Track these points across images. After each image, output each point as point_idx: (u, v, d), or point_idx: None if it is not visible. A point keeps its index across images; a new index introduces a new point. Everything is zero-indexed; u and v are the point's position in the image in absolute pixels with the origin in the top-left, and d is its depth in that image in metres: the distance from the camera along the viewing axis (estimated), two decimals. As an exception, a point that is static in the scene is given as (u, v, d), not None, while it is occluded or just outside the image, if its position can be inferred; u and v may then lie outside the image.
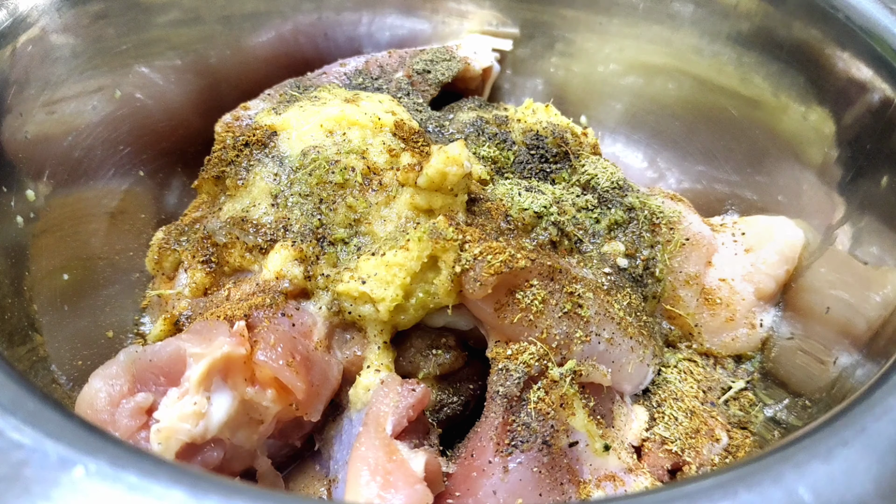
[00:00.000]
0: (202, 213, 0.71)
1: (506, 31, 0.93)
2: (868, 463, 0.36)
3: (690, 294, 0.66)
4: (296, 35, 0.89)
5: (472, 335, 0.63)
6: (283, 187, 0.64)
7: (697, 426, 0.62)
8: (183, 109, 0.83)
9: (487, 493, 0.53)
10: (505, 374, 0.56)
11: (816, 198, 0.69)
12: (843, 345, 0.60)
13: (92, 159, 0.74)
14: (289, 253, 0.60)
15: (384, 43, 0.92)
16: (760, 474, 0.36)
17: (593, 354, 0.59)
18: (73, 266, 0.69)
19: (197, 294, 0.65)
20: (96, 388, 0.53)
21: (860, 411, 0.40)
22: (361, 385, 0.58)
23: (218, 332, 0.54)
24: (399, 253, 0.57)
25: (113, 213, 0.76)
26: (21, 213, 0.64)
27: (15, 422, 0.37)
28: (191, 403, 0.51)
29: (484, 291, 0.55)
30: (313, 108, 0.69)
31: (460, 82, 0.87)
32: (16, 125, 0.65)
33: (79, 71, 0.72)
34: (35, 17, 0.69)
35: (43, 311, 0.63)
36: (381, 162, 0.64)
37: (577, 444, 0.56)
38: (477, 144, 0.72)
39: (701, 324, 0.67)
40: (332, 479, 0.58)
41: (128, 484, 0.34)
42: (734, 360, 0.69)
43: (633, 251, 0.65)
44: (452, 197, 0.60)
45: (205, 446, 0.53)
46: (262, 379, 0.54)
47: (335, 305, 0.59)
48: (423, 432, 0.58)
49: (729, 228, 0.70)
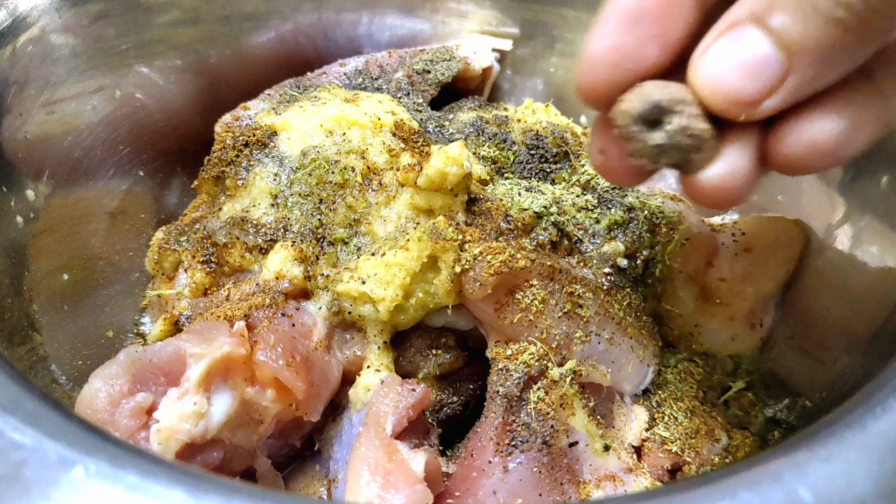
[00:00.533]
0: (202, 213, 0.71)
1: (506, 31, 0.93)
2: (868, 463, 0.36)
3: (690, 294, 0.66)
4: (296, 35, 0.89)
5: (472, 335, 0.63)
6: (283, 187, 0.64)
7: (697, 426, 0.62)
8: (183, 109, 0.83)
9: (487, 493, 0.53)
10: (505, 374, 0.56)
11: (816, 198, 0.69)
12: (843, 345, 0.60)
13: (92, 159, 0.74)
14: (289, 253, 0.60)
15: (384, 43, 0.92)
16: (760, 474, 0.36)
17: (593, 354, 0.59)
18: (73, 266, 0.69)
19: (197, 294, 0.65)
20: (96, 388, 0.53)
21: (860, 411, 0.40)
22: (361, 385, 0.58)
23: (218, 332, 0.54)
24: (399, 253, 0.57)
25: (113, 213, 0.76)
26: (21, 213, 0.64)
27: (15, 422, 0.37)
28: (191, 403, 0.51)
29: (484, 291, 0.55)
30: (313, 108, 0.69)
31: (460, 82, 0.87)
32: (16, 125, 0.65)
33: (79, 71, 0.72)
34: (35, 17, 0.69)
35: (43, 311, 0.63)
36: (380, 162, 0.64)
37: (577, 444, 0.56)
38: (477, 144, 0.72)
39: (701, 324, 0.67)
40: (332, 479, 0.58)
41: (128, 484, 0.34)
42: (734, 360, 0.69)
43: (633, 251, 0.65)
44: (452, 197, 0.60)
45: (205, 446, 0.53)
46: (262, 379, 0.54)
47: (335, 305, 0.59)
48: (423, 432, 0.58)
49: (729, 228, 0.69)
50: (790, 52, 0.37)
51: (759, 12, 0.37)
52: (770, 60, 0.37)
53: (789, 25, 0.36)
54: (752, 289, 0.67)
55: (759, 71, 0.37)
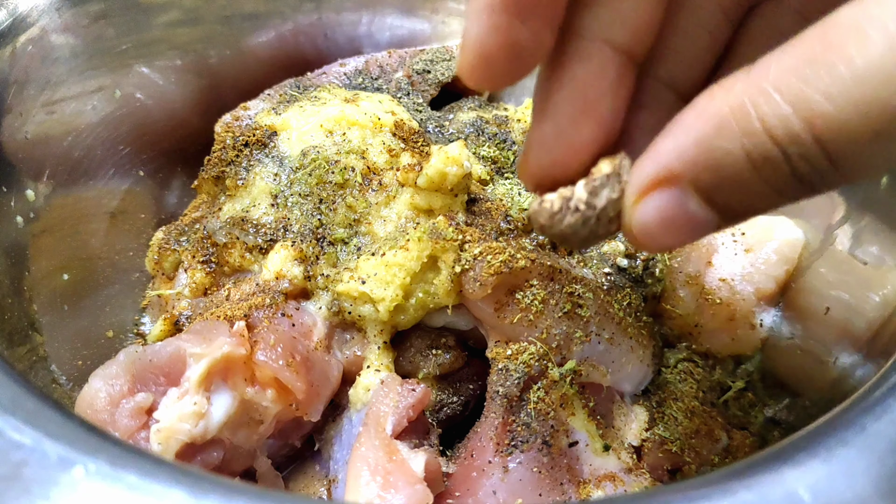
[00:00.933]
0: (202, 213, 0.71)
1: (506, 31, 0.93)
2: (868, 463, 0.36)
3: (690, 294, 0.66)
4: (296, 35, 0.89)
5: (472, 335, 0.63)
6: (283, 187, 0.64)
7: (697, 426, 0.62)
8: (183, 109, 0.83)
9: (487, 492, 0.53)
10: (505, 374, 0.56)
11: (816, 198, 0.69)
12: (843, 345, 0.60)
13: (92, 159, 0.74)
14: (289, 253, 0.60)
15: (384, 43, 0.92)
16: (760, 474, 0.36)
17: (593, 354, 0.59)
18: (73, 266, 0.69)
19: (197, 294, 0.65)
20: (96, 388, 0.53)
21: (860, 411, 0.40)
22: (361, 385, 0.58)
23: (218, 332, 0.54)
24: (399, 253, 0.57)
25: (113, 213, 0.76)
26: (21, 213, 0.64)
27: (15, 422, 0.37)
28: (191, 403, 0.51)
29: (484, 291, 0.55)
30: (313, 108, 0.69)
31: (460, 82, 0.87)
32: (16, 125, 0.65)
33: (79, 71, 0.72)
34: (35, 17, 0.69)
35: (43, 311, 0.63)
36: (380, 162, 0.64)
37: (577, 444, 0.56)
38: (477, 144, 0.72)
39: (701, 324, 0.67)
40: (332, 479, 0.58)
41: (128, 484, 0.34)
42: (734, 360, 0.69)
43: (633, 251, 0.65)
44: (452, 197, 0.60)
45: (205, 446, 0.53)
46: (262, 379, 0.54)
47: (335, 305, 0.59)
48: (423, 432, 0.58)
49: (729, 228, 0.69)
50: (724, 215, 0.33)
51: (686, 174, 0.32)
52: (703, 222, 0.34)
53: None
54: (752, 289, 0.67)
55: (688, 229, 0.34)
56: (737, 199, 0.32)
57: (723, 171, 0.31)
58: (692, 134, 0.32)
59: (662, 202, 0.33)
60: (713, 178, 0.32)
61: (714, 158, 0.31)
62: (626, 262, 0.64)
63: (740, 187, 0.32)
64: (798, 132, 0.29)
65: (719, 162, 0.31)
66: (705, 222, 0.33)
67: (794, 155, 0.30)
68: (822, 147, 0.30)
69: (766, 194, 0.32)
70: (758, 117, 0.30)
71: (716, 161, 0.31)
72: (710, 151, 0.31)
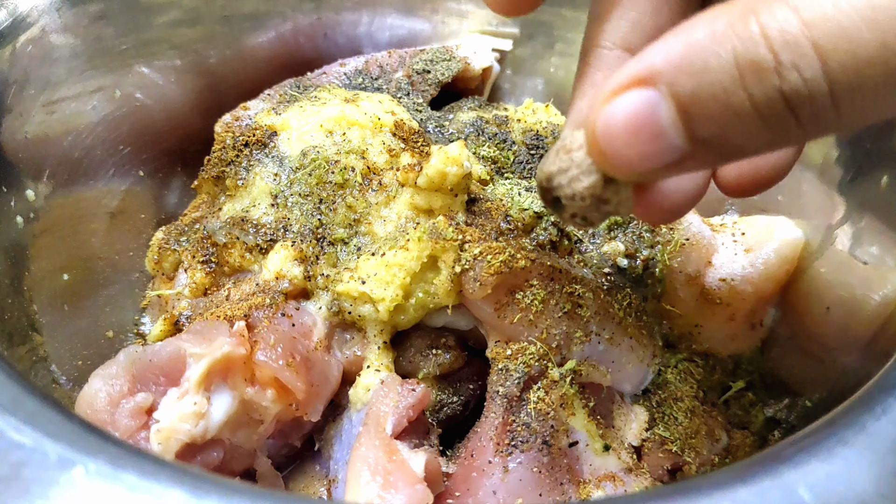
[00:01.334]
0: (202, 213, 0.71)
1: (506, 31, 0.93)
2: (868, 463, 0.36)
3: (690, 294, 0.66)
4: (296, 35, 0.89)
5: (472, 335, 0.63)
6: (283, 187, 0.64)
7: (697, 426, 0.62)
8: (183, 109, 0.83)
9: (487, 492, 0.53)
10: (505, 374, 0.56)
11: (816, 198, 0.69)
12: (843, 345, 0.60)
13: (92, 159, 0.74)
14: (289, 253, 0.60)
15: (384, 43, 0.92)
16: (760, 474, 0.36)
17: (593, 354, 0.59)
18: (73, 266, 0.69)
19: (197, 294, 0.65)
20: (96, 388, 0.53)
21: (860, 411, 0.40)
22: (361, 385, 0.58)
23: (218, 332, 0.54)
24: (399, 253, 0.57)
25: (113, 213, 0.76)
26: (21, 213, 0.64)
27: (15, 422, 0.37)
28: (191, 403, 0.51)
29: (484, 291, 0.55)
30: (313, 108, 0.69)
31: (460, 82, 0.87)
32: (16, 125, 0.65)
33: (79, 71, 0.72)
34: (35, 17, 0.69)
35: (43, 311, 0.63)
36: (380, 162, 0.64)
37: (577, 444, 0.56)
38: (477, 144, 0.72)
39: (701, 324, 0.67)
40: (332, 479, 0.58)
41: (128, 484, 0.34)
42: (734, 360, 0.69)
43: (633, 251, 0.65)
44: (452, 197, 0.60)
45: (205, 446, 0.53)
46: (262, 379, 0.54)
47: (335, 305, 0.59)
48: (423, 432, 0.58)
49: (729, 228, 0.69)
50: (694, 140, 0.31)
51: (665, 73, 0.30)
52: (670, 143, 0.31)
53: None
54: (752, 289, 0.67)
55: (653, 144, 0.31)
56: (711, 124, 0.30)
57: (704, 77, 0.29)
58: (683, 37, 0.30)
59: (633, 102, 0.31)
60: (692, 85, 0.30)
61: (700, 60, 0.29)
62: (626, 262, 0.64)
63: (718, 105, 0.29)
64: (796, 34, 0.27)
65: (704, 65, 0.29)
66: (672, 145, 0.31)
67: (787, 63, 0.28)
68: (819, 55, 0.27)
69: (745, 120, 0.29)
70: (756, 21, 0.28)
71: (702, 63, 0.29)
72: (697, 52, 0.29)
